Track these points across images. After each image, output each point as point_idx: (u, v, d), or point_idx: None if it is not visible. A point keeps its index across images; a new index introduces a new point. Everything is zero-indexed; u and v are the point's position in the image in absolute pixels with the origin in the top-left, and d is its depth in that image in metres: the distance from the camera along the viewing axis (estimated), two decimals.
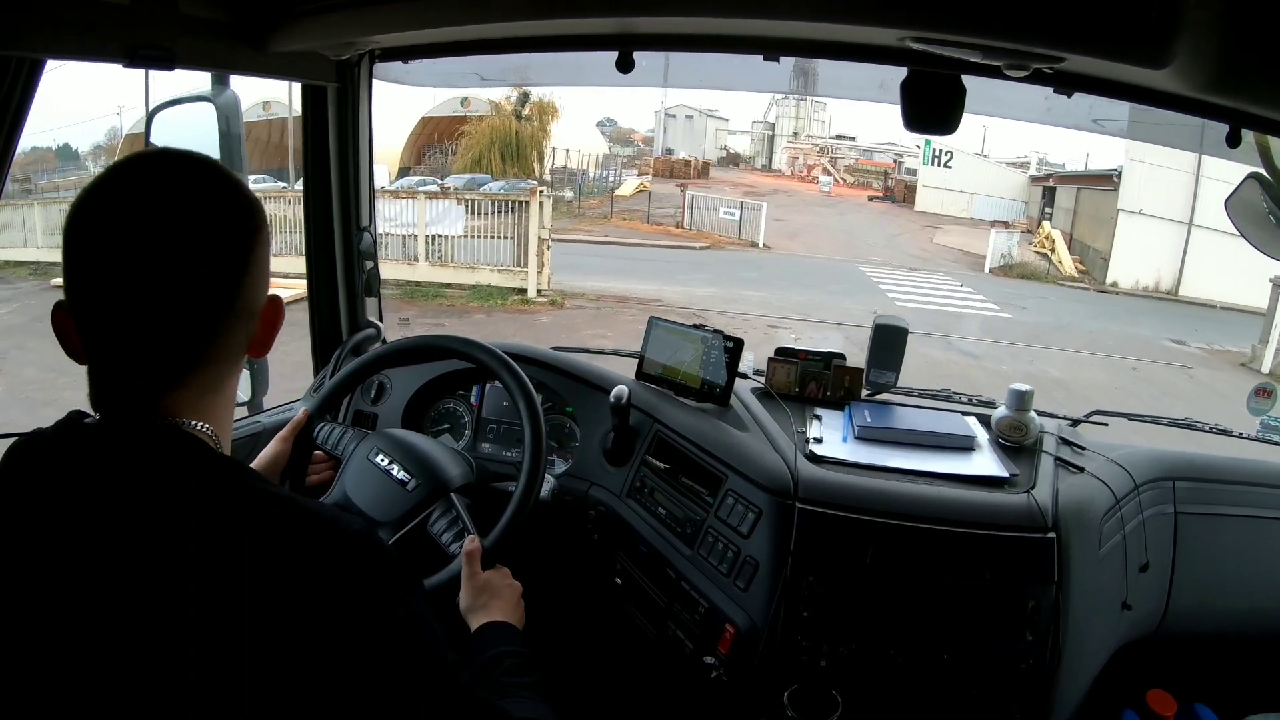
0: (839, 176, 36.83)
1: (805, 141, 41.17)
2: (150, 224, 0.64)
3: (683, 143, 38.56)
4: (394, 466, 1.25)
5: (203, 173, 0.69)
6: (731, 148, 43.84)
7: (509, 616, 1.06)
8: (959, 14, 0.80)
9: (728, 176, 35.06)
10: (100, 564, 0.60)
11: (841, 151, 40.27)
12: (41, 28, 1.07)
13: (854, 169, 38.45)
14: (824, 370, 1.66)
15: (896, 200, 32.52)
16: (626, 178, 28.78)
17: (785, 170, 39.82)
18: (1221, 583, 1.49)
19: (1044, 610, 1.23)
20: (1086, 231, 22.88)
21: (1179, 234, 19.32)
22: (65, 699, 0.59)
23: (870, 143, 40.99)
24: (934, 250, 23.20)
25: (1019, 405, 1.50)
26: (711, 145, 41.13)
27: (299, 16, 1.29)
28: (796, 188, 34.57)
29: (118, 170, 0.67)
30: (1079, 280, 20.32)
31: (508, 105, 22.93)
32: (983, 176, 30.68)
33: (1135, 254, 19.41)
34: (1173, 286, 19.40)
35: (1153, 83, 1.06)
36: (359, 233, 1.84)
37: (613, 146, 36.73)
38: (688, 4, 1.02)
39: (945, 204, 30.48)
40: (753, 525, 1.32)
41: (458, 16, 1.17)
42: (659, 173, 32.46)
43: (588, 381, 1.66)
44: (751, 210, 20.81)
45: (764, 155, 42.67)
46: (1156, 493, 1.48)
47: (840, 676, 1.24)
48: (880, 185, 35.18)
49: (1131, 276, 19.74)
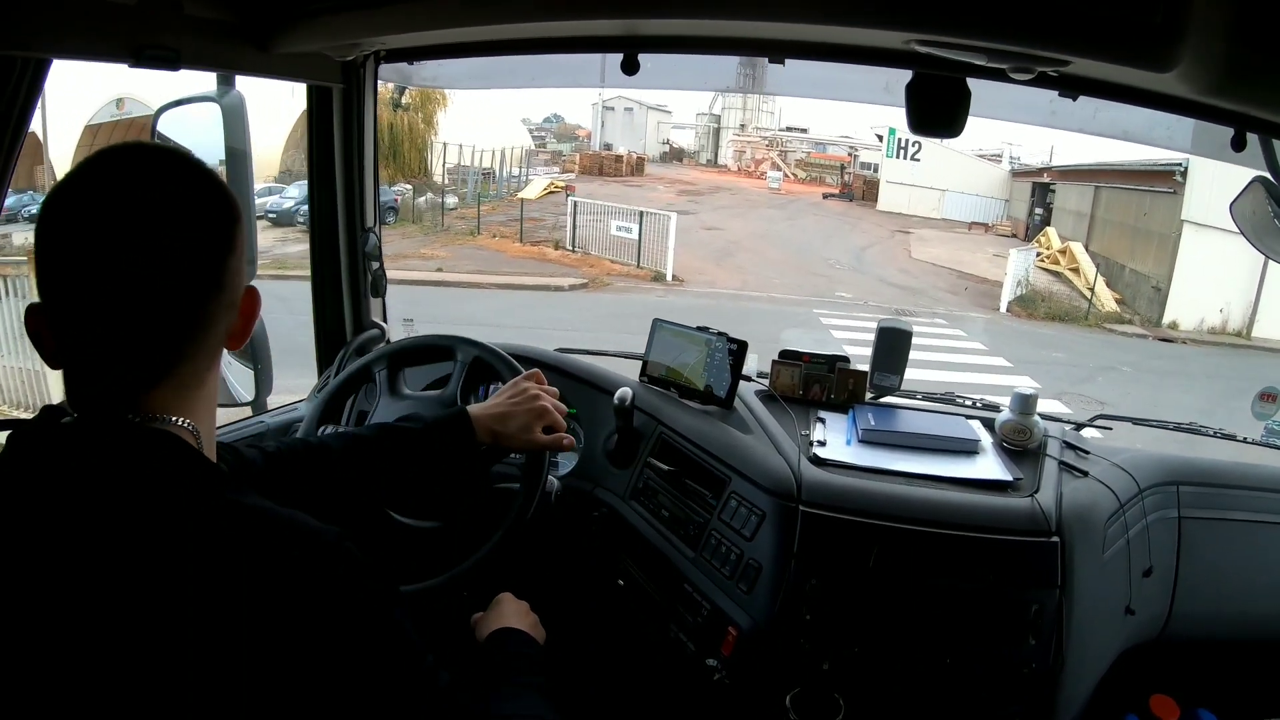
0: (789, 172, 34.06)
1: (753, 134, 37.89)
2: (126, 217, 0.63)
3: (622, 137, 36.39)
4: None
5: (177, 165, 0.67)
6: (675, 142, 41.59)
7: (521, 625, 1.05)
8: (964, 17, 0.80)
9: (665, 173, 32.32)
10: (76, 568, 0.59)
11: (792, 145, 37.51)
12: (47, 28, 1.07)
13: (806, 163, 35.81)
14: (828, 373, 1.66)
15: (855, 198, 28.93)
16: (533, 177, 24.58)
17: (731, 165, 36.67)
18: (1225, 588, 1.49)
19: (1047, 614, 1.23)
20: (1116, 246, 17.09)
21: (1256, 256, 11.93)
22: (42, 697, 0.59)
23: (823, 135, 38.28)
24: (917, 270, 17.66)
25: (1023, 409, 1.50)
26: (653, 139, 39.05)
27: (304, 17, 1.29)
28: (742, 185, 30.92)
29: (90, 165, 0.65)
30: (1126, 319, 14.79)
31: (385, 93, 18.55)
32: (955, 170, 26.43)
33: (1202, 282, 13.95)
34: (1243, 326, 14.23)
35: (1158, 86, 1.05)
36: (364, 233, 1.84)
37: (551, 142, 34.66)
38: (693, 7, 1.02)
39: (913, 202, 26.54)
40: (756, 528, 1.31)
41: (463, 18, 1.17)
42: (587, 170, 29.01)
43: (591, 383, 1.66)
44: (657, 222, 15.03)
45: (709, 150, 39.90)
46: (1160, 497, 1.47)
47: (843, 680, 1.24)
48: (836, 181, 32.04)
49: (1195, 314, 14.27)
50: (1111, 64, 0.83)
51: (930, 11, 0.83)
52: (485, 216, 18.07)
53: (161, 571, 0.60)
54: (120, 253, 0.62)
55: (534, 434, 1.21)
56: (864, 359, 1.67)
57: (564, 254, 15.64)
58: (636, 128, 37.59)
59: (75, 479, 0.62)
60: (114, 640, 0.59)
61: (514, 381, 1.26)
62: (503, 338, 1.50)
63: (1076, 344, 12.10)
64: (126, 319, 0.63)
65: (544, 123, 37.03)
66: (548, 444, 1.23)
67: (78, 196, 0.64)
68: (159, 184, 0.65)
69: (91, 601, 0.59)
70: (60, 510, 0.61)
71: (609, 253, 15.31)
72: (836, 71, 1.33)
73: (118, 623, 0.59)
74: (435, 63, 1.64)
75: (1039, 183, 23.58)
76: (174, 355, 0.67)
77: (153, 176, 0.65)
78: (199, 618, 0.59)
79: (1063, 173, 21.87)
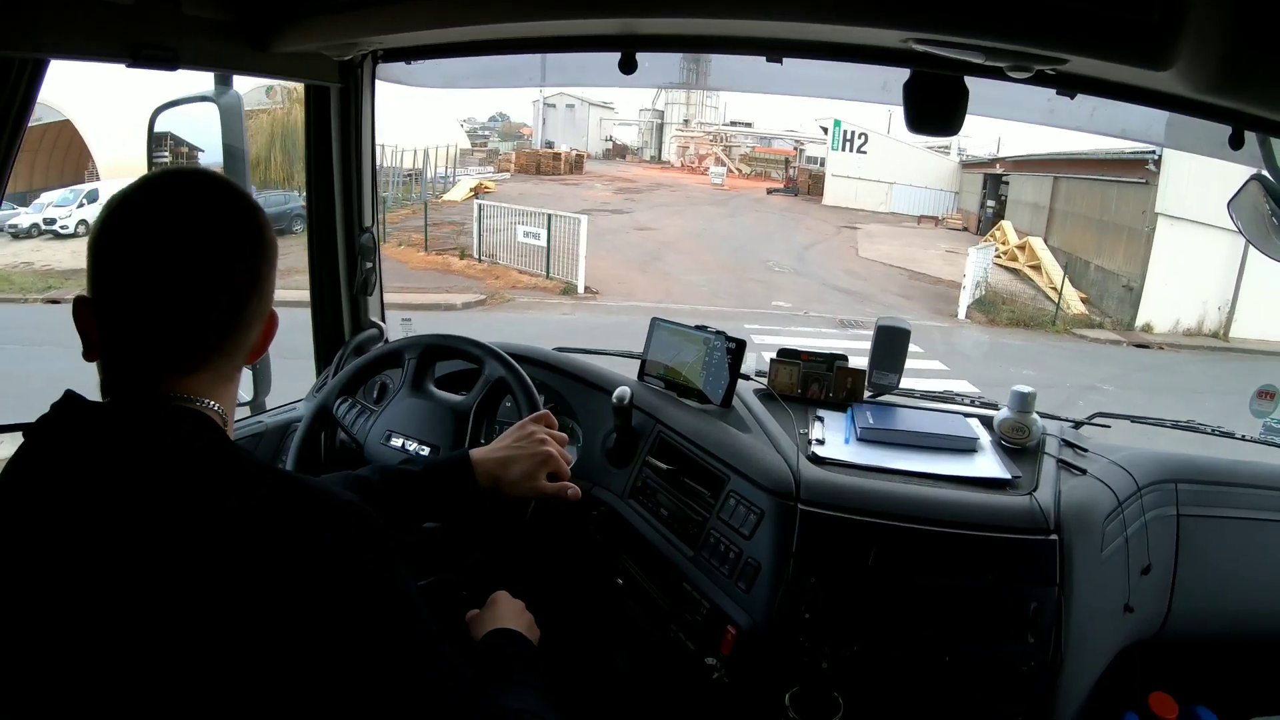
0: (733, 167, 34.07)
1: (696, 129, 38.01)
2: (187, 232, 0.72)
3: (564, 135, 35.61)
4: (407, 443, 1.32)
5: (228, 191, 0.77)
6: (619, 139, 41.37)
7: (516, 625, 1.05)
8: (962, 16, 0.80)
9: (606, 170, 31.66)
10: (116, 530, 0.65)
11: (737, 139, 37.44)
12: (44, 28, 1.07)
13: (751, 158, 35.64)
14: (826, 372, 1.66)
15: (800, 193, 28.58)
16: (463, 177, 23.11)
17: (675, 162, 36.71)
18: (1224, 585, 1.49)
19: (1046, 612, 1.23)
20: (1079, 241, 15.88)
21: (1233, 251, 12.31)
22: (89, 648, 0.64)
23: (768, 129, 37.94)
24: (865, 271, 16.39)
25: (1021, 407, 1.50)
26: (596, 136, 38.56)
27: (301, 17, 1.29)
28: (685, 181, 30.54)
29: (152, 184, 0.75)
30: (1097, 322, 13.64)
31: (297, 90, 13.26)
32: (903, 163, 25.89)
33: (1178, 280, 12.91)
34: (1219, 327, 13.13)
35: (1156, 84, 1.06)
36: (361, 232, 1.84)
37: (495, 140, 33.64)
38: (691, 5, 1.02)
39: (860, 196, 25.92)
40: (755, 526, 1.31)
41: (460, 17, 1.17)
42: (524, 168, 28.22)
43: (590, 382, 1.66)
44: (567, 225, 13.40)
45: (653, 146, 39.82)
46: (1159, 495, 1.47)
47: (842, 678, 1.24)
48: (781, 175, 31.83)
49: (1170, 315, 13.15)
50: (1109, 62, 0.82)
51: (928, 10, 0.83)
52: (404, 221, 16.92)
53: (198, 527, 0.65)
54: (181, 261, 0.72)
55: (537, 482, 1.18)
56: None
57: (470, 264, 14.27)
58: (578, 125, 37.05)
59: (121, 446, 0.69)
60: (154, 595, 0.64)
61: (521, 423, 1.23)
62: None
63: (1047, 356, 11.14)
64: (178, 315, 0.72)
65: (489, 121, 36.28)
66: (551, 493, 1.19)
67: (145, 210, 0.73)
68: (214, 206, 0.75)
69: (132, 556, 0.64)
70: (109, 472, 0.67)
71: (519, 261, 13.87)
72: (834, 70, 1.33)
73: (163, 574, 0.64)
74: (433, 62, 1.63)
75: (990, 174, 22.95)
76: (213, 349, 0.76)
77: (209, 199, 0.75)
78: (226, 571, 0.64)
79: (1016, 163, 21.12)
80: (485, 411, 1.37)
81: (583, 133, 37.00)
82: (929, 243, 18.84)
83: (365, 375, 1.49)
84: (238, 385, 0.82)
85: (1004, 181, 22.19)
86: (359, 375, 1.48)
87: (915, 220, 24.24)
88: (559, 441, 1.21)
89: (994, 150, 24.94)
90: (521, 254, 13.83)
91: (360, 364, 1.48)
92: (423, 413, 1.35)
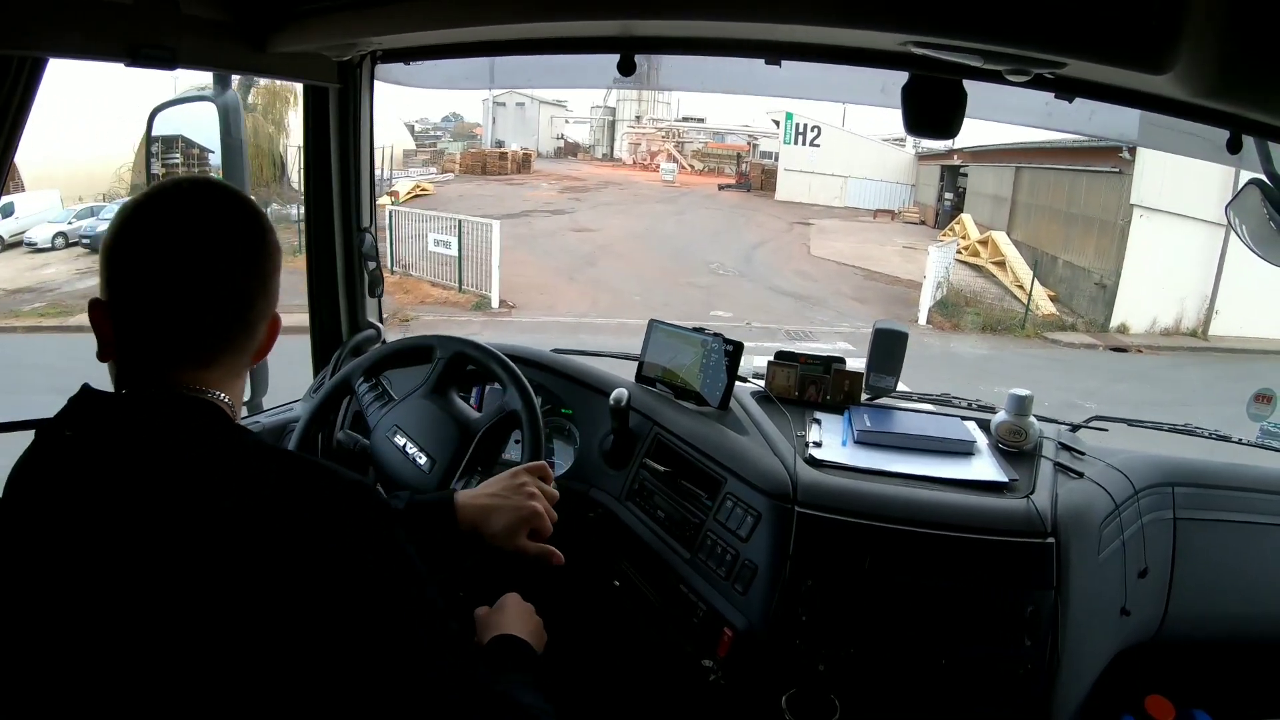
0: (685, 163, 33.09)
1: (648, 125, 36.73)
2: (201, 238, 0.77)
3: (515, 133, 34.49)
4: (409, 445, 1.31)
5: (238, 200, 0.81)
6: (570, 137, 39.97)
7: (523, 631, 1.03)
8: (961, 19, 0.80)
9: (556, 169, 30.39)
10: (134, 511, 0.67)
11: (689, 135, 36.44)
12: (43, 27, 1.07)
13: (703, 154, 34.69)
14: (824, 374, 1.66)
15: (753, 188, 27.47)
16: (400, 180, 21.39)
17: (627, 159, 35.45)
18: (1220, 588, 1.49)
19: (1043, 615, 1.23)
20: (1045, 235, 14.71)
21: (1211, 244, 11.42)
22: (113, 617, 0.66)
23: (722, 124, 36.95)
24: (817, 271, 15.13)
25: (1018, 410, 1.50)
26: (547, 135, 37.71)
27: (300, 17, 1.29)
28: (635, 178, 29.20)
29: (163, 193, 0.79)
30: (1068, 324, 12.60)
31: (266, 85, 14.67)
32: (858, 156, 24.85)
33: (1154, 276, 11.91)
34: (1198, 325, 12.16)
35: (1153, 88, 1.06)
36: (360, 233, 1.84)
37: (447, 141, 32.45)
38: (689, 8, 1.02)
39: (814, 190, 24.80)
40: (752, 529, 1.31)
41: (460, 18, 1.17)
42: (469, 169, 26.84)
43: (587, 384, 1.66)
44: (480, 231, 12.01)
45: (605, 143, 38.30)
46: (1156, 498, 1.47)
47: (838, 680, 1.24)
48: (733, 171, 31.24)
49: (1146, 314, 12.17)
50: (1107, 66, 0.83)
51: (927, 13, 0.83)
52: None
53: (214, 506, 0.68)
54: (192, 263, 0.76)
55: (517, 539, 1.06)
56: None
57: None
58: (529, 123, 36.21)
59: (138, 431, 0.72)
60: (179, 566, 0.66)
61: (515, 470, 1.11)
62: None
63: (1020, 366, 10.25)
64: (190, 313, 0.76)
65: (443, 121, 35.25)
66: (531, 554, 1.07)
67: (156, 217, 0.77)
68: (220, 212, 0.79)
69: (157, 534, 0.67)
70: (128, 455, 0.70)
71: (434, 273, 12.45)
72: (833, 73, 1.33)
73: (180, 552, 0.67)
74: (431, 63, 1.63)
75: (948, 165, 21.73)
76: (222, 346, 0.79)
77: (215, 206, 0.79)
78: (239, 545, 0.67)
79: (975, 154, 19.58)
80: (493, 437, 1.33)
81: (533, 131, 36.16)
82: (885, 238, 17.97)
83: (393, 362, 1.46)
84: (244, 381, 0.85)
85: (962, 173, 21.06)
86: (387, 360, 1.46)
87: (871, 214, 23.48)
88: (549, 498, 1.10)
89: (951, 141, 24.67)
90: (438, 265, 12.47)
91: (392, 349, 1.47)
92: (433, 419, 1.34)
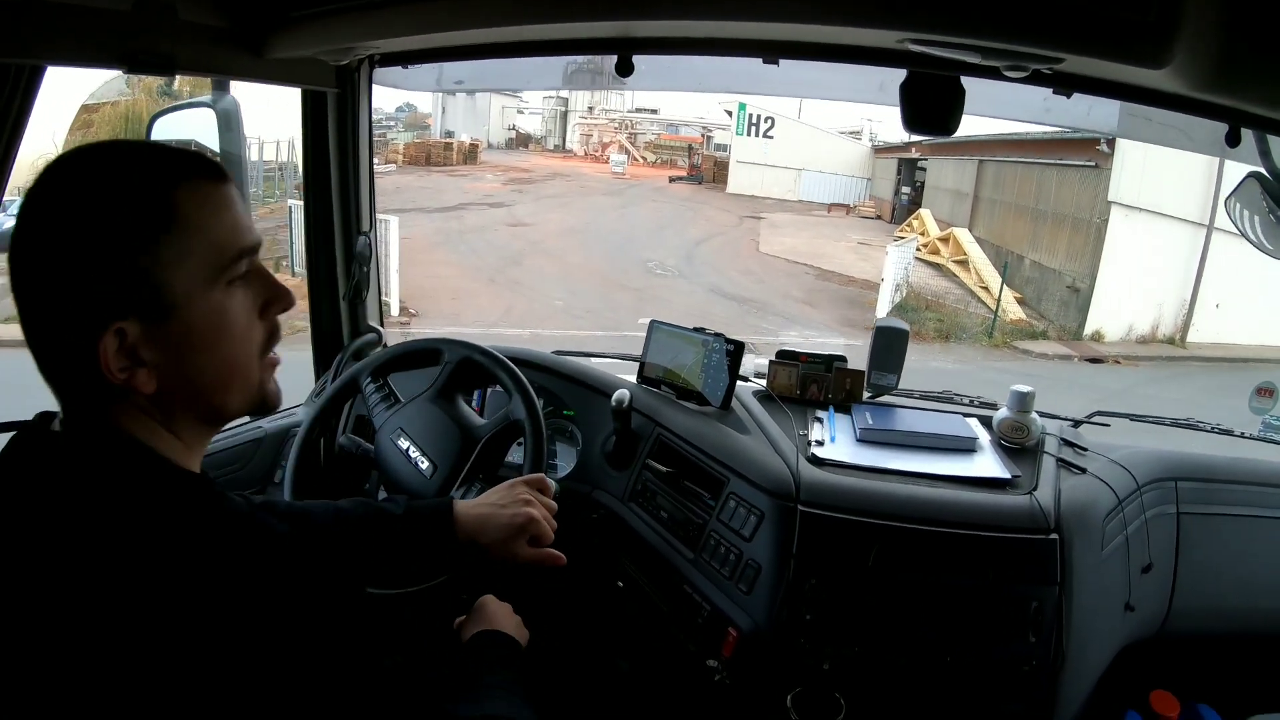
0: (637, 155, 32.32)
1: (600, 116, 35.47)
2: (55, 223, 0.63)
3: (464, 124, 33.52)
4: (412, 449, 1.31)
5: (105, 162, 0.65)
6: (522, 128, 38.93)
7: (504, 627, 1.03)
8: (958, 16, 0.80)
9: (504, 160, 29.61)
10: (61, 563, 0.59)
11: (642, 126, 35.64)
12: (42, 35, 1.07)
13: (656, 145, 33.93)
14: (825, 373, 1.66)
15: (704, 180, 26.86)
16: None
17: (578, 150, 34.64)
18: (1224, 583, 1.49)
19: (1047, 611, 1.23)
20: (1011, 232, 13.73)
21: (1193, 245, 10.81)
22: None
23: (676, 116, 36.13)
24: (765, 270, 14.16)
25: (1020, 406, 1.50)
26: (498, 125, 36.87)
27: (298, 22, 1.29)
28: (584, 170, 28.55)
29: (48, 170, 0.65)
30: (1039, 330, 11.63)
31: (151, 83, 12.00)
32: (812, 148, 24.11)
33: (1131, 281, 11.10)
34: (1176, 331, 11.40)
35: (1152, 83, 1.06)
36: (359, 237, 1.84)
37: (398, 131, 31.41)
38: (687, 8, 1.02)
39: (766, 184, 24.02)
40: (755, 528, 1.31)
41: (457, 21, 1.17)
42: (414, 160, 26.18)
43: (589, 385, 1.66)
44: (385, 230, 9.99)
45: (557, 134, 37.44)
46: (1159, 493, 1.47)
47: (843, 679, 1.24)
48: (685, 163, 30.33)
49: (1122, 321, 11.32)
50: (1105, 61, 0.83)
51: (924, 11, 0.83)
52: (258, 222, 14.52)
53: (136, 563, 0.60)
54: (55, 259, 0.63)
55: (513, 547, 1.05)
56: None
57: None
58: (479, 114, 35.23)
59: (63, 480, 0.63)
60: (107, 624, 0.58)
61: (513, 481, 1.12)
62: None
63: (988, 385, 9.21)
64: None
65: (396, 112, 34.05)
66: (531, 560, 1.06)
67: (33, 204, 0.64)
68: (83, 187, 0.64)
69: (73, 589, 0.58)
70: (52, 502, 0.62)
71: None
72: (831, 72, 1.33)
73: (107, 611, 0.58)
74: (429, 66, 1.64)
75: (906, 159, 21.14)
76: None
77: (76, 183, 0.64)
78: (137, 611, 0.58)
79: (934, 147, 18.63)
80: (496, 446, 1.33)
81: (483, 122, 35.34)
82: (839, 233, 17.15)
83: (400, 364, 1.46)
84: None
85: (920, 167, 20.50)
86: (394, 362, 1.45)
87: (825, 209, 22.89)
88: (547, 509, 1.10)
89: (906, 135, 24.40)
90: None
91: (399, 351, 1.46)
92: (437, 423, 1.33)
